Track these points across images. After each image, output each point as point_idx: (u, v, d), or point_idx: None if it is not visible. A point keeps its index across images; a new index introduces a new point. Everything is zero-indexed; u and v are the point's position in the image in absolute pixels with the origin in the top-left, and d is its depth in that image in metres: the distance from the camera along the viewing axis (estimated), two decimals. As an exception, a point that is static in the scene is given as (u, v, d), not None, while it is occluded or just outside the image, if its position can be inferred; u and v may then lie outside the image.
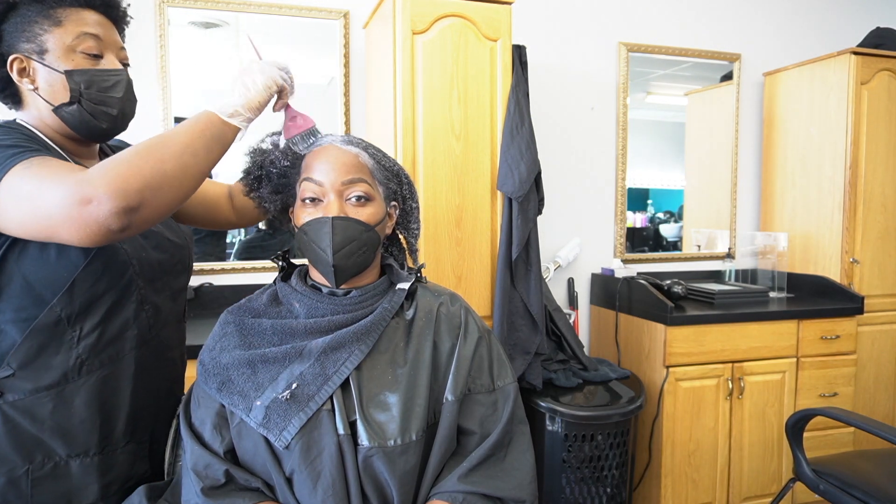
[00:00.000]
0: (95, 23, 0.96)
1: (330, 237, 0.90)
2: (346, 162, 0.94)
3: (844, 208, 2.54)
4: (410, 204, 1.06)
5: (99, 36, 0.95)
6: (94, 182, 0.78)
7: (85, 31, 0.94)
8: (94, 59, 0.95)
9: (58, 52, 0.92)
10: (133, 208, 0.79)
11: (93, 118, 0.95)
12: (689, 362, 2.23)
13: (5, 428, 0.89)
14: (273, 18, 2.28)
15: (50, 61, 0.92)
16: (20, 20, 0.92)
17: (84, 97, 0.94)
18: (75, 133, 0.96)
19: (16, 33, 0.92)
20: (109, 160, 0.81)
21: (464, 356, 0.95)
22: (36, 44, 0.92)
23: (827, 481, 1.69)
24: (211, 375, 0.91)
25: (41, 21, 0.92)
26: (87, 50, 0.94)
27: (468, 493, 0.86)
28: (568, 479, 1.99)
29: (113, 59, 0.98)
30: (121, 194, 0.78)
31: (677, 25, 2.82)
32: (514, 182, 1.95)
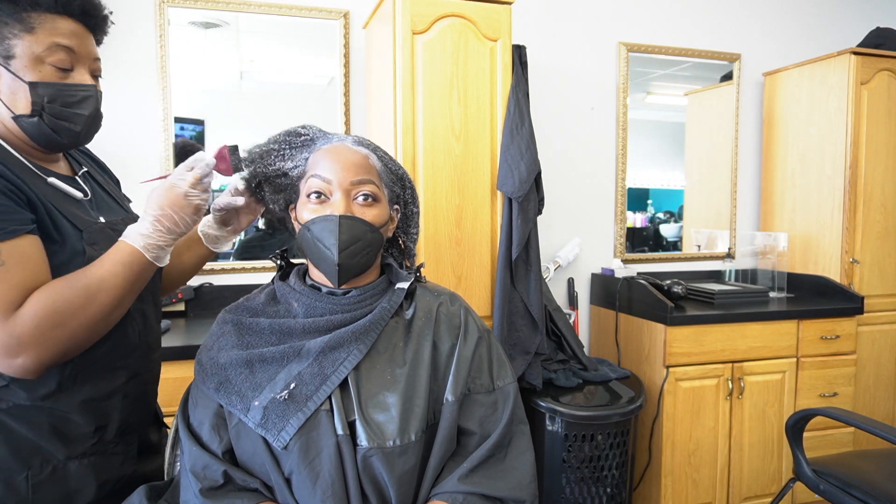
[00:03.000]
0: (70, 33, 0.91)
1: (336, 235, 0.89)
2: (355, 161, 0.94)
3: (844, 208, 2.54)
4: (412, 209, 1.06)
5: (72, 48, 0.91)
6: (24, 340, 0.81)
7: (57, 42, 0.89)
8: (64, 73, 0.91)
9: (25, 60, 0.88)
10: (56, 362, 0.86)
11: (53, 132, 0.92)
12: (689, 362, 2.23)
13: (1, 436, 0.89)
14: (273, 18, 2.28)
15: (16, 68, 0.88)
16: None
17: (46, 111, 0.90)
18: (33, 142, 0.93)
19: None
20: (43, 312, 0.83)
21: (464, 356, 0.95)
22: (3, 47, 0.87)
23: (827, 481, 1.69)
24: (209, 375, 0.91)
25: (12, 24, 0.87)
26: (56, 63, 0.90)
27: (468, 493, 0.86)
28: (568, 479, 1.99)
29: (84, 72, 0.94)
30: (48, 355, 0.84)
31: (677, 25, 2.82)
32: (514, 182, 1.95)
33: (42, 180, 0.93)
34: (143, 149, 2.16)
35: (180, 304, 2.15)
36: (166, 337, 1.83)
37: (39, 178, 0.93)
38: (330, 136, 1.00)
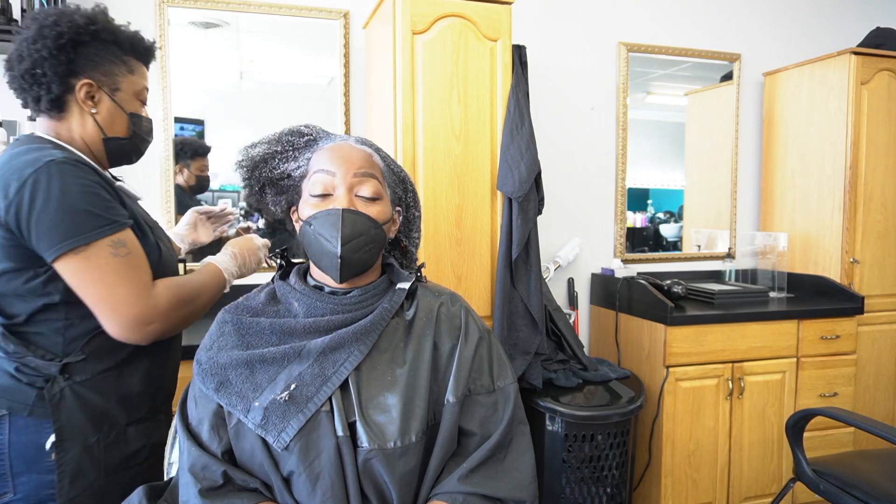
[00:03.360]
0: (146, 76, 1.19)
1: (339, 228, 0.89)
2: (359, 158, 0.95)
3: (844, 208, 2.54)
4: (413, 212, 1.07)
5: (147, 89, 1.20)
6: (161, 312, 1.03)
7: (144, 85, 1.18)
8: (143, 108, 1.18)
9: (127, 94, 1.13)
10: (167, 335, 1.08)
11: (130, 152, 1.18)
12: (689, 362, 2.23)
13: (78, 403, 1.05)
14: (273, 18, 2.28)
15: (120, 99, 1.12)
16: (99, 52, 1.07)
17: (134, 136, 1.16)
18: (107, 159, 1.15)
19: (93, 62, 1.07)
20: (177, 289, 1.07)
21: (464, 357, 0.95)
22: (112, 80, 1.10)
23: (827, 481, 1.69)
24: (208, 376, 0.90)
25: (119, 64, 1.11)
26: (143, 99, 1.18)
27: (468, 493, 0.86)
28: (568, 479, 1.99)
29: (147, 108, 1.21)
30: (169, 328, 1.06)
31: (677, 25, 2.82)
32: (514, 182, 1.94)
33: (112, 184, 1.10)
34: (142, 149, 2.16)
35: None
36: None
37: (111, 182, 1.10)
38: (332, 135, 1.00)
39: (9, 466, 1.02)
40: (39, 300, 1.02)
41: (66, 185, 0.97)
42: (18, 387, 1.03)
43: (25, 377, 1.03)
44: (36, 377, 1.03)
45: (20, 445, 1.02)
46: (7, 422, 1.02)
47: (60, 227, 0.96)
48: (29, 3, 1.94)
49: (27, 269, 1.00)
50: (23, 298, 1.02)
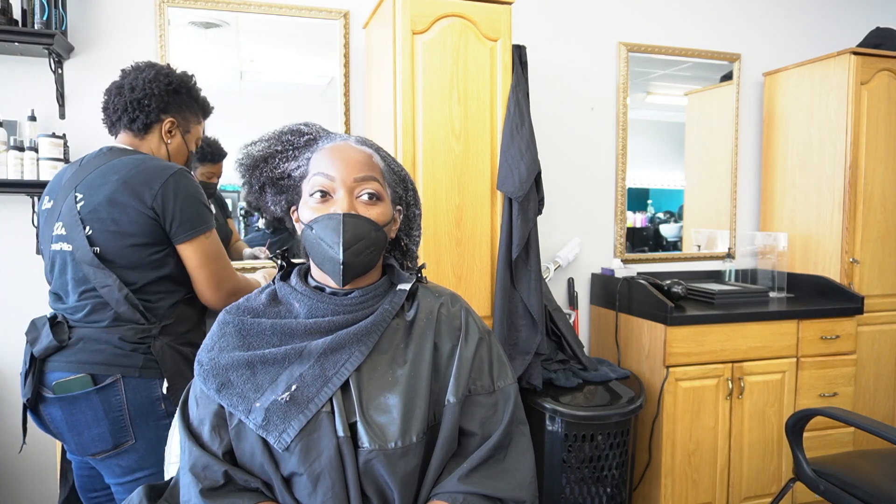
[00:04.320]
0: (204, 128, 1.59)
1: (340, 234, 0.89)
2: (359, 160, 0.94)
3: (844, 208, 2.54)
4: (414, 210, 1.06)
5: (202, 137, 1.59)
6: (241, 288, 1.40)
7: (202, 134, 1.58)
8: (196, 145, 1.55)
9: (193, 136, 1.52)
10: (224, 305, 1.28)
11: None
12: (689, 362, 2.23)
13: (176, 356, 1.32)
14: (273, 18, 2.28)
15: (187, 139, 1.50)
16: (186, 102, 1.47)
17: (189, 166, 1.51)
18: None
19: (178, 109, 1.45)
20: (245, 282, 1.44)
21: (465, 358, 0.95)
22: (186, 124, 1.49)
23: (827, 481, 1.69)
24: (210, 376, 0.90)
25: (195, 114, 1.51)
26: (197, 142, 1.55)
27: (468, 493, 0.86)
28: (568, 479, 1.99)
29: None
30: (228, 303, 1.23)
31: (677, 25, 2.82)
32: (514, 182, 1.95)
33: None
34: (143, 149, 2.16)
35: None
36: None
37: None
38: (332, 135, 0.99)
39: (128, 419, 1.27)
40: (154, 272, 1.30)
41: (195, 187, 1.33)
42: (126, 354, 1.27)
43: (129, 345, 1.27)
44: (138, 344, 1.28)
45: (135, 401, 1.27)
46: (121, 384, 1.26)
47: (197, 217, 1.31)
48: (29, 4, 1.94)
49: (156, 244, 1.29)
50: (140, 269, 1.29)
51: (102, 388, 1.25)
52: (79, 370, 1.25)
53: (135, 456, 1.29)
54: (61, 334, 1.28)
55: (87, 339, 1.27)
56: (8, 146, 1.94)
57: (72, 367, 1.25)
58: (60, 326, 1.29)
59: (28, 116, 2.00)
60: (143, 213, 1.26)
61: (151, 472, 1.30)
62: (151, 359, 1.29)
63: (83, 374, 1.24)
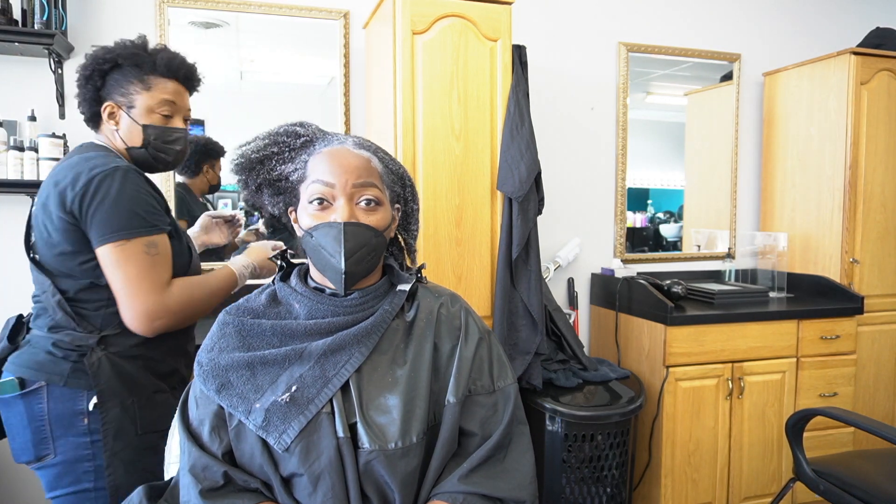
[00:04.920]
0: (173, 91, 1.32)
1: (342, 243, 0.89)
2: (357, 165, 0.93)
3: (844, 208, 2.54)
4: (412, 206, 1.06)
5: (174, 102, 1.32)
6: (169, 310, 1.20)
7: (165, 99, 1.30)
8: (166, 119, 1.31)
9: (141, 110, 1.28)
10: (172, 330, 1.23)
11: (153, 160, 1.32)
12: (688, 362, 2.23)
13: (113, 370, 1.21)
14: (273, 18, 2.28)
15: (134, 115, 1.28)
16: (121, 77, 1.26)
17: (151, 146, 1.30)
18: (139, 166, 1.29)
19: (115, 86, 1.27)
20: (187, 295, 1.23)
21: (465, 358, 0.95)
22: (128, 99, 1.27)
23: (827, 481, 1.69)
24: (210, 377, 0.90)
25: (136, 83, 1.27)
26: (162, 112, 1.30)
27: (468, 493, 0.86)
28: (568, 479, 1.99)
29: (179, 119, 1.34)
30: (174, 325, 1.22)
31: (677, 25, 2.82)
32: (514, 182, 1.94)
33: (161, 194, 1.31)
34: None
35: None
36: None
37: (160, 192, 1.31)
38: (329, 136, 0.98)
39: (49, 430, 1.19)
40: (88, 280, 1.20)
41: (123, 188, 1.17)
42: (55, 361, 1.20)
43: (61, 352, 1.20)
44: (70, 352, 1.20)
45: (58, 412, 1.19)
46: (45, 392, 1.19)
47: (111, 222, 1.15)
48: (29, 4, 1.94)
49: (83, 252, 1.18)
50: (74, 278, 1.20)
51: (26, 393, 1.19)
52: (16, 372, 1.21)
53: (53, 472, 1.20)
54: (15, 335, 1.27)
55: (32, 343, 1.23)
56: (8, 146, 1.94)
57: (11, 368, 1.22)
58: (19, 328, 1.29)
59: (28, 116, 2.00)
60: (63, 219, 1.16)
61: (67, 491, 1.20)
62: (81, 369, 1.19)
63: (13, 378, 1.20)
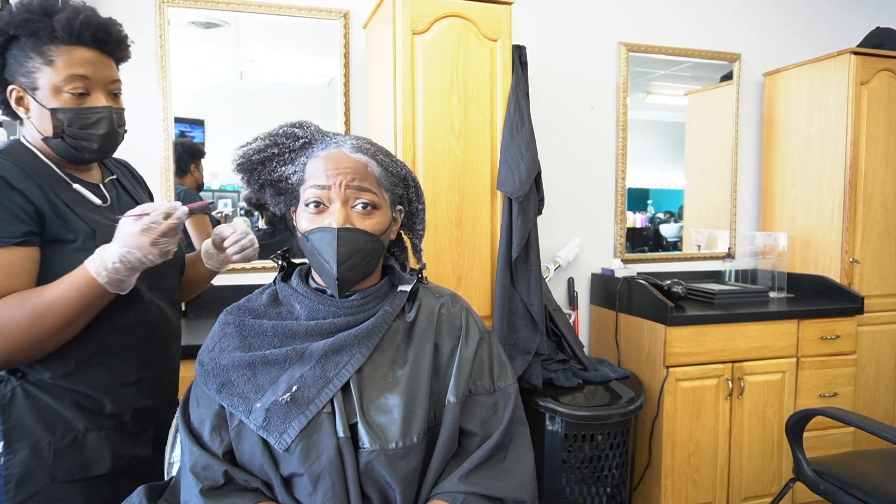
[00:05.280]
0: (85, 61, 1.02)
1: (335, 249, 0.89)
2: (354, 169, 0.92)
3: (844, 208, 2.54)
4: (416, 206, 1.05)
5: (87, 76, 1.03)
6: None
7: (72, 73, 1.01)
8: (80, 98, 1.03)
9: (47, 90, 1.01)
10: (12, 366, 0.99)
11: (75, 150, 1.05)
12: (689, 362, 2.23)
13: (28, 403, 1.01)
14: (273, 18, 2.28)
15: (40, 98, 1.01)
16: (20, 53, 1.01)
17: (66, 133, 1.03)
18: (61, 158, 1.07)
19: (16, 65, 1.01)
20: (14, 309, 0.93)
21: (465, 358, 0.95)
22: (30, 79, 1.01)
23: (827, 481, 1.69)
24: (210, 377, 0.91)
25: (35, 58, 1.00)
26: (73, 90, 1.02)
27: (468, 493, 0.86)
28: (568, 479, 1.99)
29: (100, 95, 1.05)
30: (22, 353, 0.96)
31: (677, 25, 2.82)
32: (514, 182, 1.94)
33: (68, 186, 1.07)
34: (142, 149, 2.15)
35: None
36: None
37: (66, 184, 1.07)
38: (328, 137, 0.97)
39: None
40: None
41: None
42: None
43: None
44: None
45: None
46: None
47: None
48: (29, 3, 1.93)
49: None
50: None
51: None
52: None
53: None
54: None
55: None
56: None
57: None
58: None
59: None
60: None
61: None
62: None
63: None
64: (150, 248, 0.96)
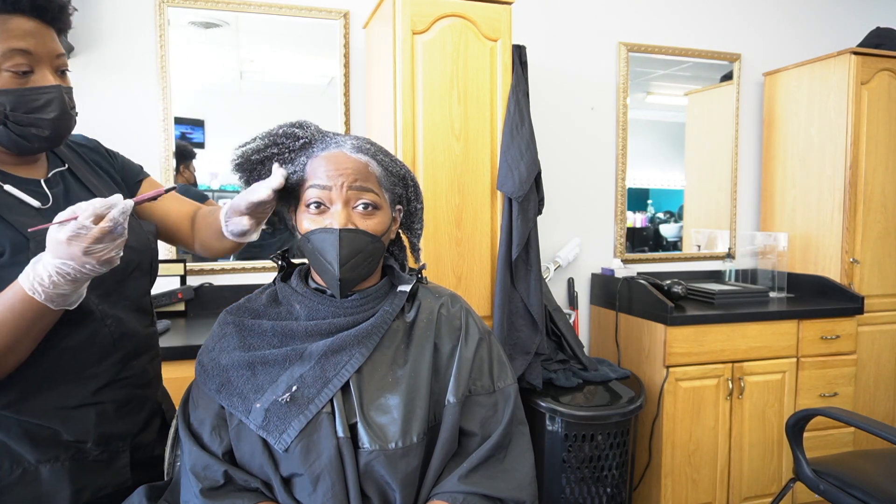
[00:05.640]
0: (25, 33, 0.85)
1: (337, 250, 0.89)
2: (355, 169, 0.92)
3: (844, 208, 2.54)
4: (415, 205, 1.05)
5: (28, 50, 0.86)
6: None
7: (11, 48, 0.84)
8: (23, 77, 0.86)
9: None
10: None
11: (22, 139, 0.89)
12: (689, 362, 2.23)
13: None
14: (273, 18, 2.28)
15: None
16: None
17: (10, 119, 0.86)
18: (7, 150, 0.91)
19: None
20: None
21: (465, 358, 0.95)
22: None
23: (827, 481, 1.69)
24: (210, 377, 0.91)
25: None
26: (13, 68, 0.85)
27: (468, 493, 0.86)
28: (568, 479, 1.99)
29: (46, 72, 0.88)
30: None
31: (677, 25, 2.82)
32: (514, 182, 1.95)
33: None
34: (142, 149, 2.16)
35: (180, 304, 2.15)
36: (166, 337, 1.82)
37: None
38: (328, 137, 0.97)
39: None
40: None
41: None
42: None
43: None
44: None
45: None
46: None
47: None
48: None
49: None
50: None
51: None
52: None
53: None
54: None
55: None
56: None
57: None
58: None
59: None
60: None
61: None
62: None
63: None
64: (85, 258, 0.77)
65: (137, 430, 1.03)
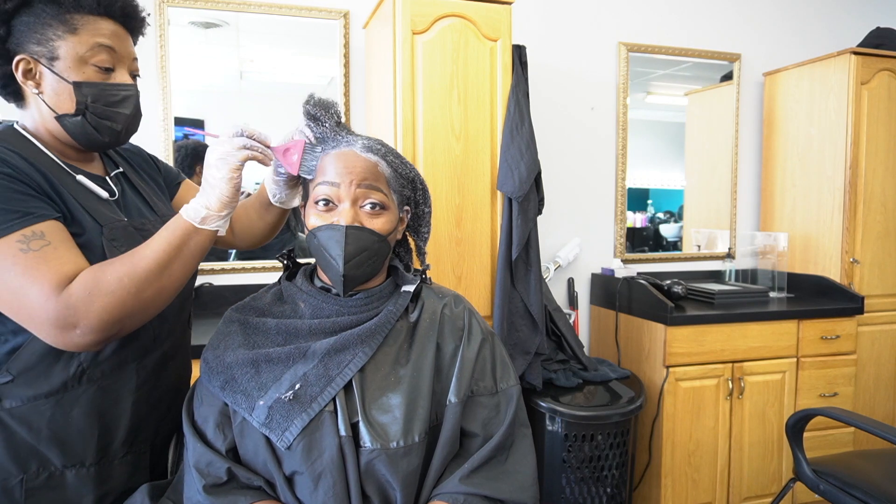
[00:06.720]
0: (111, 33, 0.94)
1: (342, 246, 0.89)
2: (364, 169, 0.92)
3: (844, 208, 2.54)
4: (423, 209, 1.05)
5: (113, 48, 0.93)
6: (78, 310, 0.80)
7: (100, 43, 0.91)
8: (106, 73, 0.93)
9: (69, 60, 0.90)
10: (112, 336, 0.84)
11: (95, 131, 0.94)
12: (689, 362, 2.23)
13: (1, 436, 0.88)
14: (273, 18, 2.28)
15: (60, 69, 0.89)
16: (34, 19, 0.88)
17: (90, 110, 0.92)
18: (75, 142, 0.95)
19: (27, 32, 0.89)
20: (92, 281, 0.81)
21: (467, 358, 0.95)
22: (47, 48, 0.89)
23: (827, 481, 1.69)
24: (214, 374, 0.91)
25: (56, 25, 0.89)
26: (99, 63, 0.92)
27: (469, 494, 0.86)
28: (568, 479, 1.99)
29: (124, 72, 0.96)
30: (103, 327, 0.81)
31: (677, 25, 2.82)
32: (514, 182, 1.95)
33: (71, 177, 0.94)
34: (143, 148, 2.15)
35: (180, 304, 2.15)
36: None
37: (69, 175, 0.94)
38: (340, 136, 0.96)
39: None
40: None
41: None
42: None
43: None
44: None
45: None
46: None
47: None
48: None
49: None
50: None
51: None
52: None
53: None
54: None
55: None
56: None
57: None
58: None
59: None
60: None
61: None
62: None
63: None
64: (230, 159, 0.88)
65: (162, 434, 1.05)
